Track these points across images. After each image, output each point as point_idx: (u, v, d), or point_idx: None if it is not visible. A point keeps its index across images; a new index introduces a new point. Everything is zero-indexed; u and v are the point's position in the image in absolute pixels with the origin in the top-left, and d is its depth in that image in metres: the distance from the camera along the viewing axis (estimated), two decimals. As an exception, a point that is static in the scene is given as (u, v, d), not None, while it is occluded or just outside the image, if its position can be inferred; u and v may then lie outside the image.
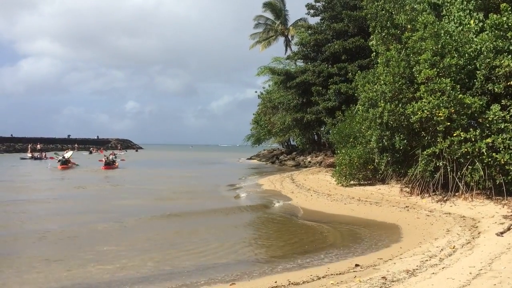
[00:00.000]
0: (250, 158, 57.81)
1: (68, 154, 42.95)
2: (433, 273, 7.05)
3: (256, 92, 51.52)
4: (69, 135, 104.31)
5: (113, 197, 19.53)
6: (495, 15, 13.61)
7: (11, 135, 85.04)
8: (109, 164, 38.64)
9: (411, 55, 15.30)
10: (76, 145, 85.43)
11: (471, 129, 13.50)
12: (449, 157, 13.78)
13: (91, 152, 74.97)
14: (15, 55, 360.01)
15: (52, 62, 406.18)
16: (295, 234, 11.84)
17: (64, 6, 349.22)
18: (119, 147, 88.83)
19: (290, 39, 50.33)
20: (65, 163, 38.59)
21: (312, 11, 33.97)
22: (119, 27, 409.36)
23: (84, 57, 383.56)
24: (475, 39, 14.28)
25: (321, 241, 10.84)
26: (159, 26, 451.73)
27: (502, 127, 12.89)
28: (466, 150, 13.22)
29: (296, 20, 49.70)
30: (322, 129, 34.33)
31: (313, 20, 52.60)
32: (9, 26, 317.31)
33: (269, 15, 51.40)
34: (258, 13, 51.64)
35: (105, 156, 42.58)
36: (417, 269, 7.40)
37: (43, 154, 56.32)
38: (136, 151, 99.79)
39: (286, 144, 52.29)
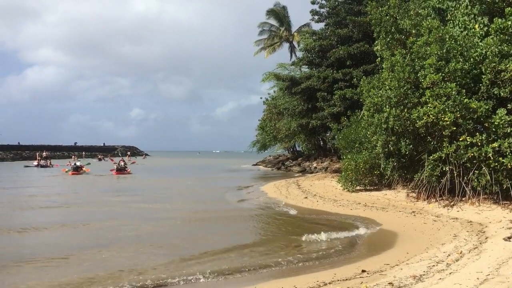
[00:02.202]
0: (256, 164, 57.80)
1: (79, 162, 46.28)
2: (440, 278, 7.02)
3: (261, 98, 51.79)
4: (75, 143, 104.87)
5: (146, 217, 15.52)
6: (500, 19, 13.58)
7: (18, 142, 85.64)
8: (120, 170, 40.10)
9: (416, 60, 15.30)
10: (83, 153, 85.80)
11: (477, 133, 13.44)
12: (455, 161, 13.74)
13: (100, 159, 75.28)
14: (19, 64, 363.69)
15: (56, 71, 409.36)
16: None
17: (66, 15, 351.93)
18: (128, 154, 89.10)
19: (295, 45, 50.47)
20: (76, 169, 40.96)
21: (316, 17, 34.08)
22: (122, 35, 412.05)
23: (88, 65, 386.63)
24: (480, 43, 14.25)
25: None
26: (161, 33, 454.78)
27: (509, 131, 12.81)
28: (472, 154, 13.17)
29: (301, 26, 49.87)
30: (328, 134, 34.32)
31: (318, 26, 52.45)
32: (13, 35, 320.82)
33: (273, 21, 51.66)
34: (261, 20, 51.92)
35: (115, 163, 44.69)
36: (424, 274, 7.36)
37: (49, 161, 56.51)
38: (144, 158, 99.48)
39: (291, 150, 52.27)
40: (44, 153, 66.38)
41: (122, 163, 43.02)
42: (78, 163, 44.08)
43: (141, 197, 21.85)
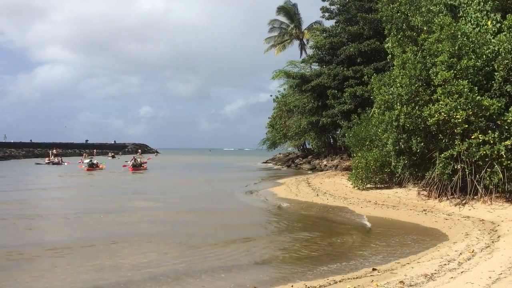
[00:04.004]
0: (266, 162, 57.88)
1: (95, 160, 48.00)
2: (452, 277, 6.97)
3: (271, 96, 51.79)
4: (86, 140, 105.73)
5: (176, 233, 12.49)
6: (513, 16, 13.45)
7: (30, 140, 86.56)
8: (136, 166, 40.70)
9: (428, 57, 15.18)
10: (94, 150, 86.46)
11: (489, 131, 13.32)
12: (467, 159, 13.63)
13: (113, 157, 75.96)
14: (29, 63, 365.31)
15: (65, 69, 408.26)
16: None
17: (73, 13, 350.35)
18: (139, 151, 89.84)
19: (305, 43, 50.35)
20: (92, 166, 42.76)
21: (327, 14, 33.89)
22: (128, 33, 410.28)
23: (97, 64, 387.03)
24: (492, 40, 14.10)
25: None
26: (168, 32, 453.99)
27: (522, 129, 12.69)
28: (484, 152, 13.06)
29: (311, 24, 49.73)
30: (338, 132, 34.19)
31: (328, 23, 52.46)
32: (21, 34, 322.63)
33: (283, 19, 51.57)
34: (267, 18, 52.04)
35: (126, 161, 46.51)
36: (435, 273, 7.32)
37: (60, 159, 57.00)
38: (156, 155, 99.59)
39: (301, 147, 52.21)
40: (54, 150, 66.90)
41: (139, 160, 44.39)
42: (94, 161, 45.35)
43: (162, 204, 19.00)
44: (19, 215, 15.69)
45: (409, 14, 17.05)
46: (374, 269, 8.10)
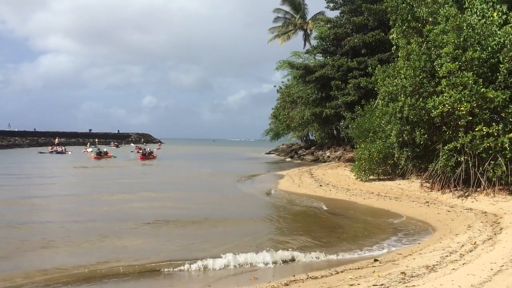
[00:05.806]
0: (269, 153, 57.88)
1: (105, 149, 50.00)
2: (454, 268, 6.99)
3: (275, 86, 51.65)
4: (90, 130, 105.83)
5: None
6: (519, 7, 13.34)
7: (34, 129, 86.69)
8: (145, 155, 42.94)
9: (433, 48, 15.08)
10: (96, 140, 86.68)
11: (493, 123, 13.30)
12: (470, 152, 13.60)
13: (117, 146, 76.38)
14: (31, 52, 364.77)
15: (66, 59, 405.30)
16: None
17: (74, 2, 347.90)
18: (142, 141, 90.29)
19: (309, 33, 50.09)
20: (99, 154, 44.04)
21: (331, 4, 33.66)
22: (130, 23, 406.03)
23: (99, 53, 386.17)
24: (498, 32, 14.01)
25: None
26: (169, 22, 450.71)
27: (526, 121, 12.65)
28: (488, 145, 13.04)
29: (315, 14, 49.45)
30: (341, 123, 34.12)
31: (332, 14, 52.26)
32: (22, 23, 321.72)
33: (288, 8, 51.26)
34: (270, 9, 51.62)
35: (133, 150, 48.28)
36: (437, 264, 7.34)
37: (63, 148, 57.14)
38: (159, 146, 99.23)
39: (305, 138, 52.16)
40: (56, 140, 67.02)
41: (148, 149, 45.81)
42: (104, 149, 46.67)
43: (174, 205, 16.12)
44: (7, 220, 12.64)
45: (414, 5, 16.92)
46: (375, 260, 8.13)
